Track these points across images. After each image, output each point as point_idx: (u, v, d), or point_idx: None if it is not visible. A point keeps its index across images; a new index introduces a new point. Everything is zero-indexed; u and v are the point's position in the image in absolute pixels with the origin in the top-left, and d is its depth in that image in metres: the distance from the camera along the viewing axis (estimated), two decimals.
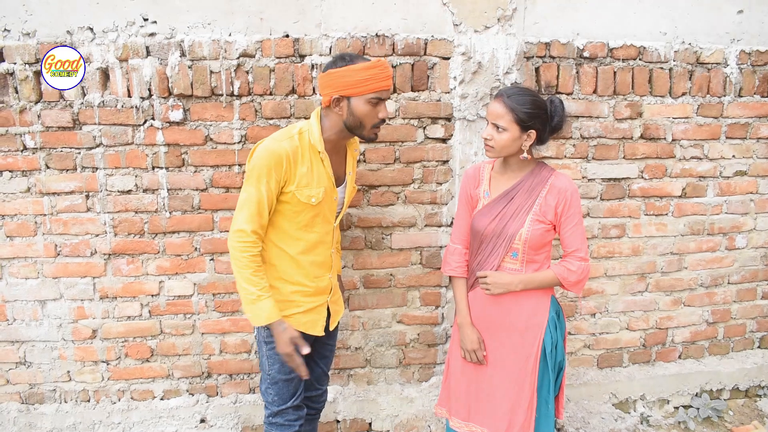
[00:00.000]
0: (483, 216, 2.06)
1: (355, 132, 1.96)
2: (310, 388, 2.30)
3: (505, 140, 1.93)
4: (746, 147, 2.98)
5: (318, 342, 2.22)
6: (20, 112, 2.46)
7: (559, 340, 2.11)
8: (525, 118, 1.91)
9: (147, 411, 2.76)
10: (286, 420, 2.13)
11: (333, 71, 1.87)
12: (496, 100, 1.95)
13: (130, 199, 2.58)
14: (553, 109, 1.96)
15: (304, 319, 2.08)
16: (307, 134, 1.96)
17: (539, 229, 1.98)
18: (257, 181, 1.88)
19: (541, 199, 1.99)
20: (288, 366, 2.05)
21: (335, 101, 1.90)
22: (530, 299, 2.05)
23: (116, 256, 2.64)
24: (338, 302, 2.27)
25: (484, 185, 2.11)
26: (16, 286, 2.63)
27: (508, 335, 2.07)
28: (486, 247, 2.06)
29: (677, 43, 2.78)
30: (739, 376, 3.17)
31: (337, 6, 2.51)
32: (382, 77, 1.88)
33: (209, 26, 2.46)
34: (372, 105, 1.90)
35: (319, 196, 1.96)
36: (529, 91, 1.96)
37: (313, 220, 2.01)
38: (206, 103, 2.51)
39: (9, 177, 2.53)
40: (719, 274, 3.13)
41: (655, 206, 2.95)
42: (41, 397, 2.77)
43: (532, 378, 2.04)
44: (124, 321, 2.71)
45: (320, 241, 2.06)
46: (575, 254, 2.01)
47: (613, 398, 3.06)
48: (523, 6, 2.61)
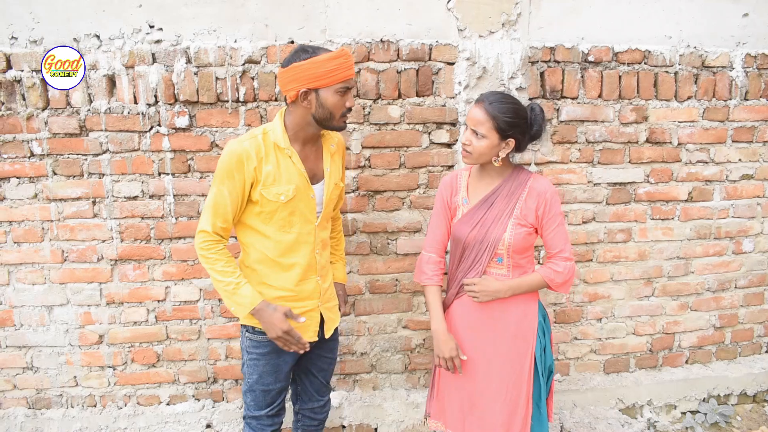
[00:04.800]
0: (463, 224, 2.04)
1: (325, 124, 1.92)
2: (311, 399, 2.29)
3: (483, 147, 1.92)
4: (753, 150, 2.97)
5: (314, 355, 2.19)
6: (27, 119, 2.48)
7: (547, 344, 2.11)
8: (505, 127, 1.89)
9: (153, 416, 2.77)
10: (259, 424, 2.15)
11: (297, 65, 1.82)
12: (477, 105, 1.93)
13: (136, 205, 2.59)
14: (533, 116, 1.95)
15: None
16: (271, 133, 1.93)
17: (521, 233, 1.97)
18: (219, 182, 1.88)
19: (522, 202, 1.99)
20: (267, 378, 2.06)
21: (303, 95, 1.85)
22: (518, 306, 2.04)
23: (123, 262, 2.65)
24: (332, 309, 2.20)
25: (462, 193, 2.09)
26: (24, 292, 2.65)
27: (498, 343, 2.05)
28: (469, 255, 2.04)
29: (682, 46, 2.77)
30: (747, 381, 3.14)
31: (342, 12, 2.52)
32: (347, 66, 1.84)
33: (215, 33, 2.48)
34: (340, 95, 1.86)
35: (288, 193, 1.91)
36: (511, 98, 1.94)
37: (290, 219, 1.96)
38: (212, 110, 2.52)
39: (16, 183, 2.54)
40: (726, 279, 3.11)
41: (661, 210, 2.94)
42: (48, 402, 2.78)
43: (527, 385, 2.04)
44: (131, 326, 2.72)
45: (300, 242, 2.00)
46: (560, 255, 2.00)
47: (620, 403, 3.04)
48: (528, 11, 2.61)
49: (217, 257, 1.91)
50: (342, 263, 2.40)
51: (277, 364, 2.07)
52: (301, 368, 2.24)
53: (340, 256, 2.39)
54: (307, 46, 1.87)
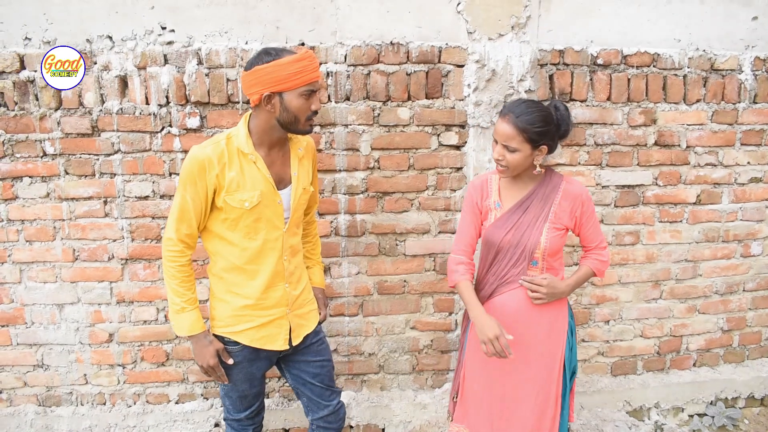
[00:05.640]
0: (497, 228, 2.04)
1: (290, 128, 1.86)
2: (319, 407, 2.20)
3: (517, 160, 1.93)
4: (761, 154, 2.97)
5: (300, 364, 2.15)
6: (40, 118, 2.50)
7: (574, 343, 2.13)
8: (536, 137, 1.90)
9: (162, 414, 2.78)
10: (240, 425, 2.17)
11: (259, 68, 1.76)
12: (504, 120, 1.91)
13: (147, 205, 2.61)
14: (559, 116, 1.95)
15: (259, 334, 2.00)
16: (235, 138, 1.88)
17: (556, 236, 1.99)
18: (183, 188, 1.85)
19: (555, 206, 2.00)
20: (242, 385, 2.06)
21: (266, 99, 1.79)
22: (551, 307, 2.05)
23: (133, 261, 2.67)
24: (305, 316, 2.12)
25: (494, 196, 2.09)
26: (35, 290, 2.67)
27: (530, 345, 2.05)
28: (503, 258, 2.04)
29: (691, 49, 2.77)
30: (755, 384, 3.14)
31: (352, 14, 2.53)
32: (311, 68, 1.79)
33: (226, 35, 2.49)
34: (305, 98, 1.81)
35: (253, 200, 1.87)
36: (535, 105, 1.93)
37: (255, 226, 1.92)
38: (223, 111, 2.54)
39: (29, 182, 2.57)
40: (734, 282, 3.11)
41: (669, 213, 2.94)
42: (58, 399, 2.81)
43: (557, 385, 2.05)
44: (141, 325, 2.74)
45: (267, 249, 1.96)
46: (600, 245, 2.10)
47: (627, 406, 3.04)
48: (537, 14, 2.62)
49: (176, 273, 1.91)
50: (319, 267, 2.35)
51: (250, 372, 2.05)
52: (296, 380, 2.19)
53: (316, 260, 2.34)
54: (271, 48, 1.82)
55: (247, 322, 1.98)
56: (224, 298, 1.99)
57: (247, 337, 1.99)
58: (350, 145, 2.63)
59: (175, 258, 1.90)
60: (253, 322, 1.99)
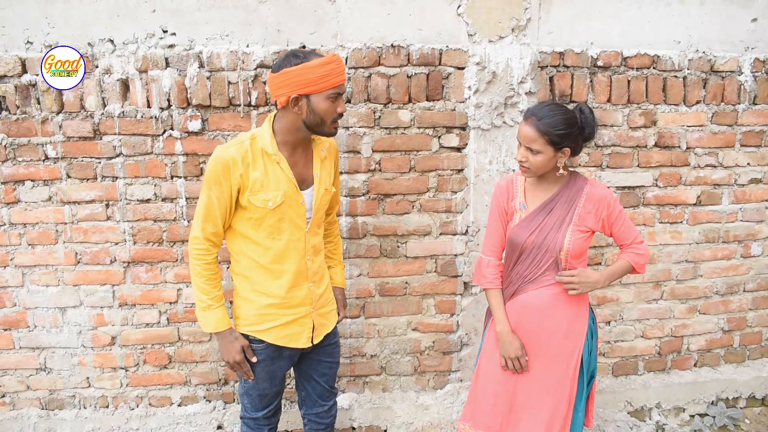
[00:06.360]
0: (522, 228, 2.06)
1: (316, 129, 1.89)
2: (315, 405, 2.27)
3: (540, 162, 1.95)
4: (761, 155, 2.98)
5: (314, 360, 2.19)
6: (42, 122, 2.50)
7: (593, 347, 2.14)
8: (558, 140, 1.91)
9: (165, 417, 2.79)
10: (257, 424, 2.18)
11: (288, 70, 1.78)
12: (527, 122, 1.94)
13: (149, 208, 2.62)
14: (583, 119, 1.96)
15: (283, 332, 2.03)
16: (259, 139, 1.90)
17: (580, 239, 2.00)
18: (208, 188, 1.88)
19: (579, 208, 2.02)
20: (263, 383, 2.08)
21: (293, 101, 1.81)
22: (571, 306, 2.06)
23: (135, 264, 2.67)
24: (327, 315, 2.16)
25: (519, 197, 2.11)
26: (37, 294, 2.67)
27: (548, 344, 2.07)
28: (526, 259, 2.06)
29: (691, 51, 2.78)
30: (756, 384, 3.15)
31: (353, 17, 2.54)
32: (338, 71, 1.82)
33: (227, 38, 2.50)
34: (332, 100, 1.84)
35: (276, 200, 1.89)
36: (558, 108, 1.94)
37: (279, 226, 1.94)
38: (224, 114, 2.55)
39: (31, 186, 2.57)
40: (734, 282, 3.12)
41: (669, 214, 2.95)
42: (61, 402, 2.81)
43: (571, 387, 2.06)
44: (143, 328, 2.75)
45: (291, 248, 1.98)
46: (636, 240, 2.09)
47: (629, 406, 3.05)
48: (538, 16, 2.63)
49: (202, 271, 1.93)
50: (340, 267, 2.38)
51: (272, 370, 2.08)
52: (303, 374, 2.24)
53: (338, 260, 2.37)
54: (298, 51, 1.84)
55: (272, 321, 2.01)
56: (249, 297, 2.01)
57: (271, 335, 2.01)
58: (351, 148, 2.64)
59: (201, 256, 1.93)
60: (278, 321, 2.01)
